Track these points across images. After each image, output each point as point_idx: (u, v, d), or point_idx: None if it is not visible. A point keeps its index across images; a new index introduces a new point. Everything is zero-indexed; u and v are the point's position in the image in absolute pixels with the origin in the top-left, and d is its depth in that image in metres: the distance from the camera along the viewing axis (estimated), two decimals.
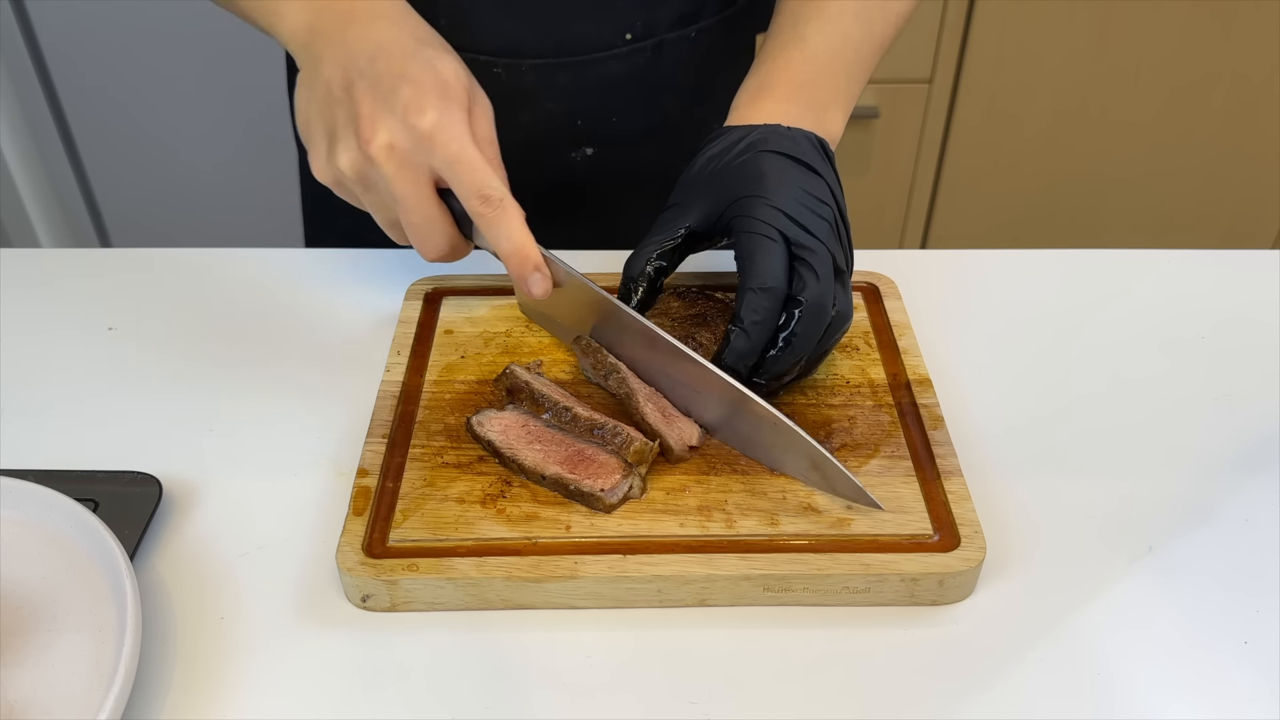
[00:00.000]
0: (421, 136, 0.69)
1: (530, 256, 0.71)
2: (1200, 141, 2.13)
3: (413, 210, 0.71)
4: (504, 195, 0.70)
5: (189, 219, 2.34)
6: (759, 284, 0.72)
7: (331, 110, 0.72)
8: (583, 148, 1.03)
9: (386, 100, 0.69)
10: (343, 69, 0.71)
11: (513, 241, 0.71)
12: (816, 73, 0.83)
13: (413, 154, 0.69)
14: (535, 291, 0.72)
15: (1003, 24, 1.99)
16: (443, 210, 0.72)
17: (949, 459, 0.74)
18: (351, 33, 0.73)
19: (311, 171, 0.74)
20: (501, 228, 0.70)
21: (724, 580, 0.66)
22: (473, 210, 0.70)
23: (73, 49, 2.12)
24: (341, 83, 0.71)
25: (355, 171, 0.71)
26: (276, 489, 0.76)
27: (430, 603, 0.67)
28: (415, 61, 0.71)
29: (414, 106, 0.69)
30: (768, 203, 0.73)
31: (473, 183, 0.69)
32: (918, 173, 2.17)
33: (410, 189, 0.70)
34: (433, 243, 0.73)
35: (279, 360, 0.87)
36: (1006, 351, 0.88)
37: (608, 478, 0.70)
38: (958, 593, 0.68)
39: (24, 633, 0.64)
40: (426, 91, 0.69)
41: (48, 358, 0.87)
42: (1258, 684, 0.64)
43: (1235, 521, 0.73)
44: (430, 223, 0.72)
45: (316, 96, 0.73)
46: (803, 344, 0.73)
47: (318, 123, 0.73)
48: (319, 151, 0.73)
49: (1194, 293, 0.95)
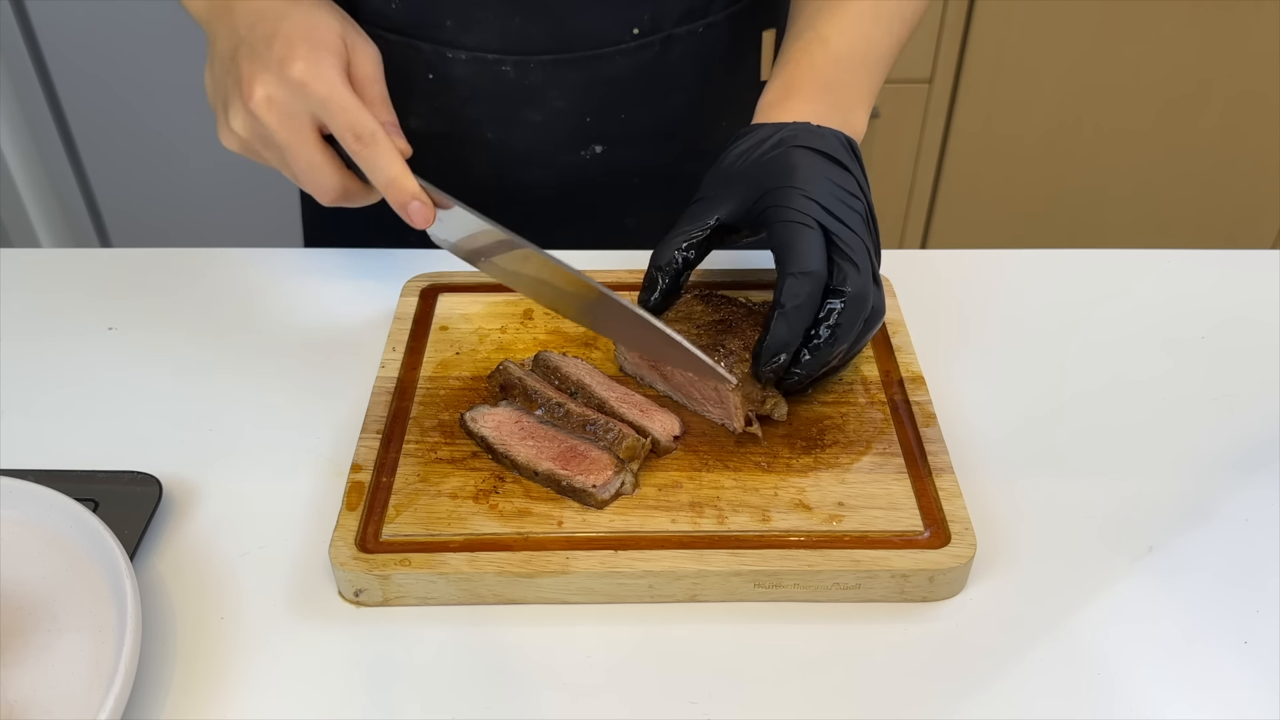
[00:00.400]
0: (294, 85, 0.73)
1: (406, 187, 0.73)
2: (1200, 142, 2.13)
3: (297, 156, 0.75)
4: (375, 131, 0.73)
5: (188, 219, 2.34)
6: (799, 269, 0.72)
7: (223, 80, 0.77)
8: (592, 145, 1.04)
9: (263, 58, 0.74)
10: (229, 40, 0.77)
11: (387, 173, 0.73)
12: (840, 73, 0.84)
13: (290, 103, 0.73)
14: (416, 220, 0.74)
15: (1003, 24, 1.99)
16: (328, 154, 0.75)
17: (940, 456, 0.74)
18: (237, 7, 0.78)
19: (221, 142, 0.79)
20: (376, 161, 0.73)
21: (715, 576, 0.66)
22: (349, 148, 0.73)
23: (73, 49, 2.12)
24: (229, 52, 0.77)
25: (247, 131, 0.76)
26: (276, 488, 0.76)
27: (422, 597, 0.67)
28: (288, 20, 0.75)
29: (286, 59, 0.73)
30: (802, 193, 0.74)
31: (345, 121, 0.72)
32: (918, 173, 2.17)
33: (291, 136, 0.74)
34: (323, 185, 0.76)
35: (278, 359, 0.87)
36: (1005, 351, 0.88)
37: (600, 474, 0.71)
38: (948, 589, 0.68)
39: (24, 633, 0.64)
40: (297, 44, 0.74)
41: (48, 358, 0.88)
42: (1258, 683, 0.64)
43: (1235, 521, 0.74)
44: (315, 167, 0.75)
45: (214, 71, 0.79)
46: (845, 334, 0.73)
47: (216, 94, 0.78)
48: (220, 121, 0.78)
49: (1194, 293, 0.95)
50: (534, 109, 1.00)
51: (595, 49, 0.97)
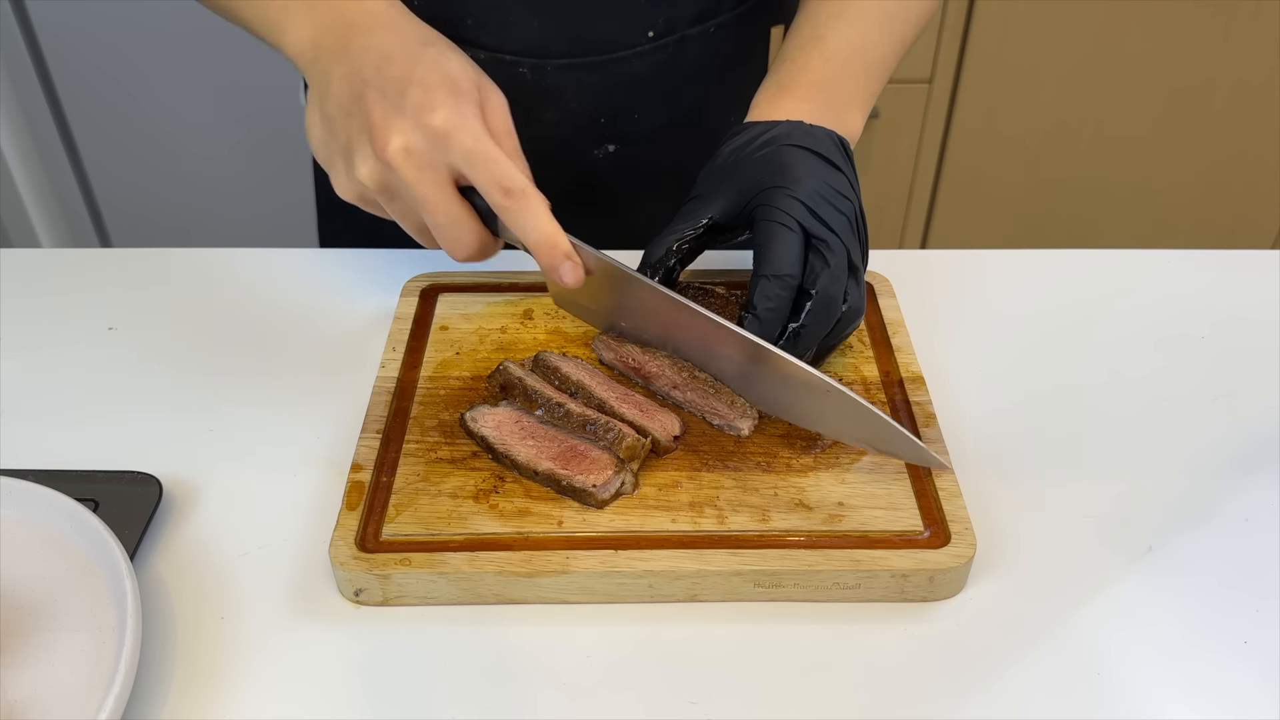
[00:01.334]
0: (436, 135, 0.68)
1: (559, 245, 0.70)
2: (1200, 141, 2.13)
3: (437, 211, 0.70)
4: (526, 186, 0.69)
5: (189, 219, 2.34)
6: (773, 271, 0.72)
7: (344, 125, 0.71)
8: (605, 145, 1.04)
9: (396, 104, 0.68)
10: (350, 82, 0.71)
11: (540, 232, 0.69)
12: (836, 73, 0.84)
13: (429, 154, 0.68)
14: (568, 280, 0.71)
15: (1003, 24, 1.99)
16: (467, 208, 0.71)
17: (940, 456, 0.73)
18: (354, 44, 0.72)
19: (335, 191, 0.74)
20: (527, 219, 0.69)
21: (715, 576, 0.66)
22: (496, 204, 0.69)
23: (73, 49, 2.12)
24: (350, 95, 0.70)
25: (376, 181, 0.70)
26: (276, 488, 0.76)
27: (423, 597, 0.67)
28: (421, 63, 0.70)
29: (424, 107, 0.68)
30: (789, 193, 0.74)
31: (492, 176, 0.68)
32: (918, 173, 2.17)
33: (431, 190, 0.69)
34: (462, 242, 0.72)
35: (278, 359, 0.88)
36: (1001, 350, 0.88)
37: (600, 473, 0.71)
38: (948, 589, 0.68)
39: (24, 633, 0.64)
40: (435, 90, 0.68)
41: (48, 358, 0.88)
42: (1258, 684, 0.64)
43: (1235, 521, 0.74)
44: (456, 223, 0.71)
45: (329, 114, 0.72)
46: (811, 336, 0.74)
47: (333, 141, 0.72)
48: (338, 169, 0.73)
49: (1194, 293, 0.95)
50: (550, 110, 1.00)
51: (611, 52, 0.98)
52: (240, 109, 2.18)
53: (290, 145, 2.19)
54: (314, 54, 0.74)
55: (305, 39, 0.75)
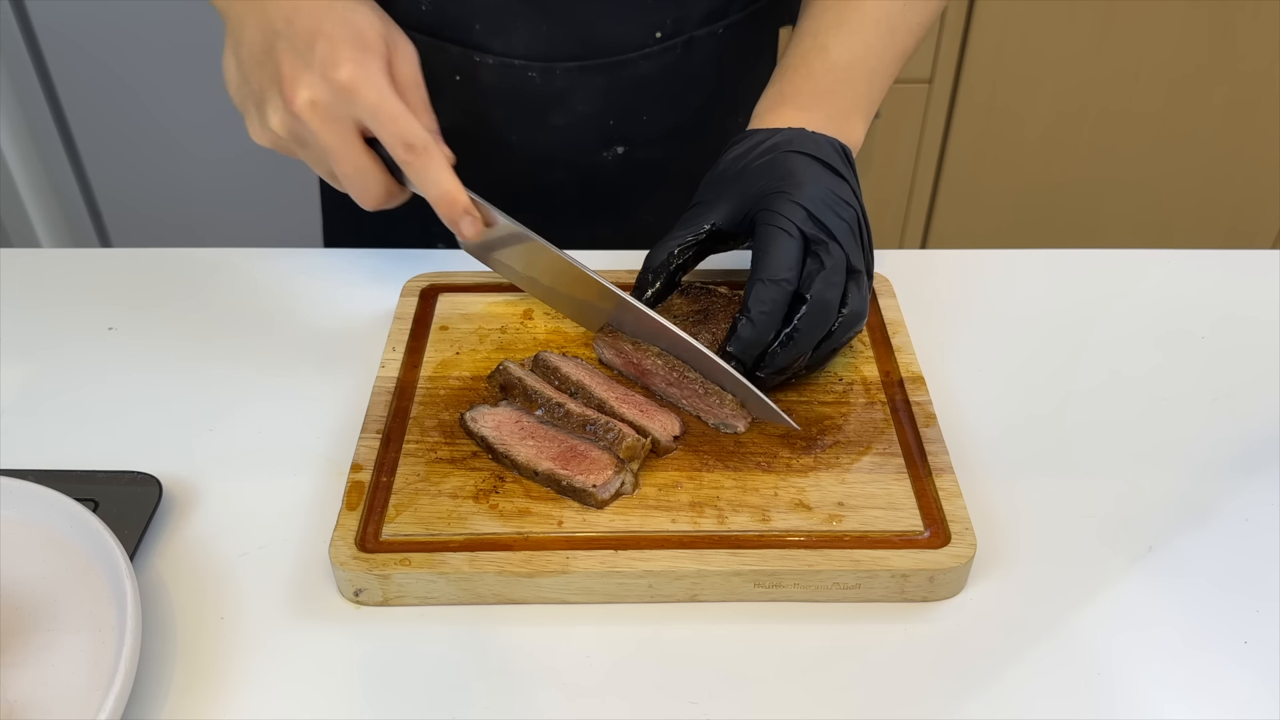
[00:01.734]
0: (340, 89, 0.70)
1: (457, 200, 0.73)
2: (1200, 141, 2.13)
3: (343, 161, 0.73)
4: (427, 141, 0.71)
5: (189, 219, 2.34)
6: (768, 275, 0.73)
7: (256, 74, 0.74)
8: (614, 147, 1.04)
9: (304, 57, 0.71)
10: (262, 32, 0.73)
11: (439, 186, 0.72)
12: (838, 82, 0.84)
13: (334, 107, 0.71)
14: (466, 233, 0.74)
15: (1003, 24, 1.99)
16: (373, 159, 0.73)
17: (940, 456, 0.74)
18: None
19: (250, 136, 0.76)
20: (428, 173, 0.72)
21: (715, 576, 0.66)
22: (398, 158, 0.72)
23: (73, 49, 2.12)
24: (262, 45, 0.73)
25: (286, 130, 0.73)
26: (276, 488, 0.76)
27: (422, 597, 0.67)
28: (329, 17, 0.72)
29: (330, 60, 0.70)
30: (790, 198, 0.75)
31: (395, 130, 0.71)
32: (918, 173, 2.17)
33: (337, 141, 0.72)
34: (368, 191, 0.74)
35: (278, 359, 0.87)
36: (1001, 350, 0.88)
37: (600, 473, 0.71)
38: (948, 589, 0.68)
39: (24, 633, 0.64)
40: (341, 44, 0.71)
41: (48, 358, 0.88)
42: (1257, 684, 0.64)
43: (1235, 521, 0.73)
44: (361, 172, 0.73)
45: (243, 62, 0.75)
46: (804, 340, 0.74)
47: (245, 88, 0.75)
48: (251, 116, 0.76)
49: (1194, 293, 0.95)
50: (558, 113, 1.00)
51: (620, 54, 0.98)
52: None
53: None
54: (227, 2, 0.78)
55: None
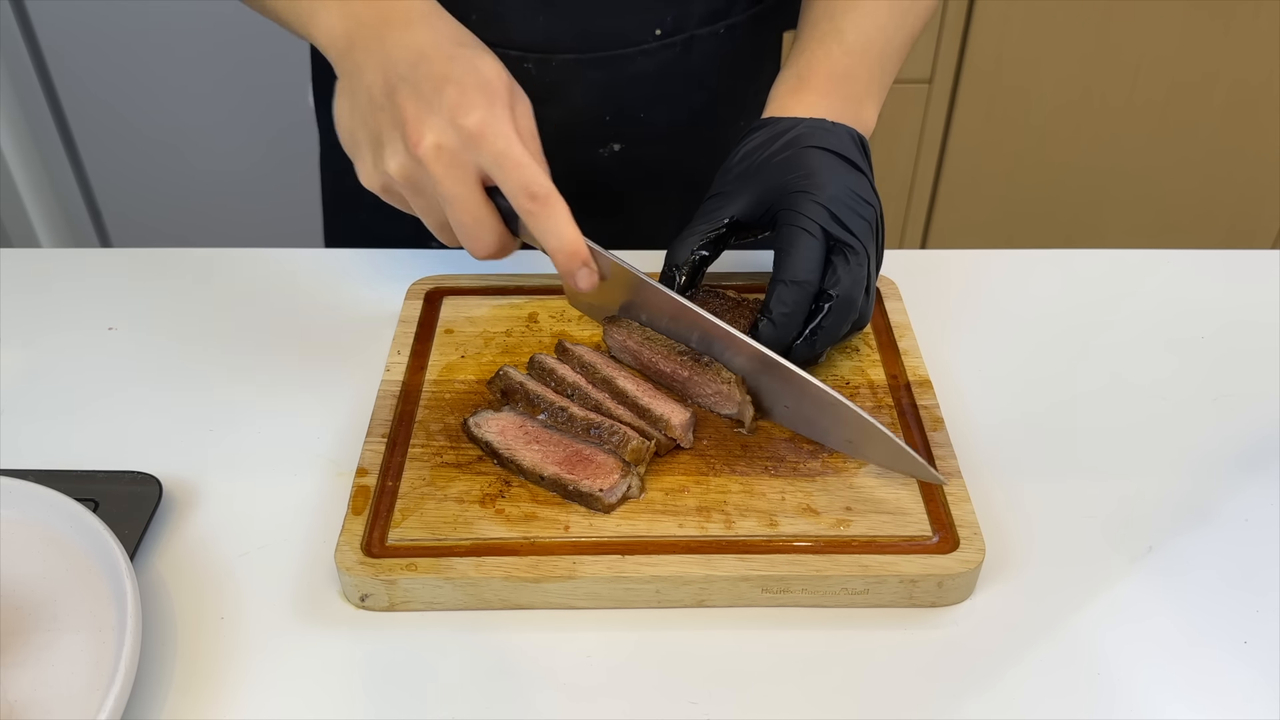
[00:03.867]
0: (469, 136, 0.68)
1: (578, 252, 0.71)
2: (1200, 142, 2.13)
3: (462, 210, 0.71)
4: (550, 191, 0.70)
5: (189, 219, 2.34)
6: (791, 277, 0.73)
7: (375, 117, 0.71)
8: (610, 144, 1.04)
9: (431, 103, 0.69)
10: (384, 75, 0.71)
11: (561, 238, 0.70)
12: (853, 66, 0.85)
13: (460, 153, 0.69)
14: (583, 286, 0.72)
15: (1003, 24, 1.99)
16: (491, 209, 0.72)
17: (948, 460, 0.74)
18: (390, 38, 0.73)
19: (360, 179, 0.74)
20: (549, 224, 0.70)
21: (722, 581, 0.66)
22: (520, 207, 0.70)
23: (73, 49, 2.11)
24: (384, 89, 0.71)
25: (403, 175, 0.71)
26: (276, 489, 0.76)
27: (429, 602, 0.67)
28: (457, 63, 0.71)
29: (460, 107, 0.68)
30: (814, 199, 0.75)
31: (520, 179, 0.69)
32: (918, 173, 2.17)
33: (459, 188, 0.70)
34: (483, 241, 0.73)
35: (279, 360, 0.87)
36: (1006, 352, 0.88)
37: (606, 478, 0.70)
38: (956, 594, 0.68)
39: (24, 633, 0.64)
40: (471, 91, 0.69)
41: (48, 358, 0.87)
42: (1258, 683, 0.64)
43: (1235, 521, 0.74)
44: (479, 222, 0.72)
45: (359, 105, 0.73)
46: (827, 337, 0.75)
47: (362, 131, 0.73)
48: (364, 159, 0.73)
49: (1194, 293, 0.95)
50: (554, 107, 0.99)
51: (618, 49, 0.97)
52: (240, 109, 2.18)
53: (291, 146, 2.19)
54: (346, 44, 0.75)
55: (338, 29, 0.75)
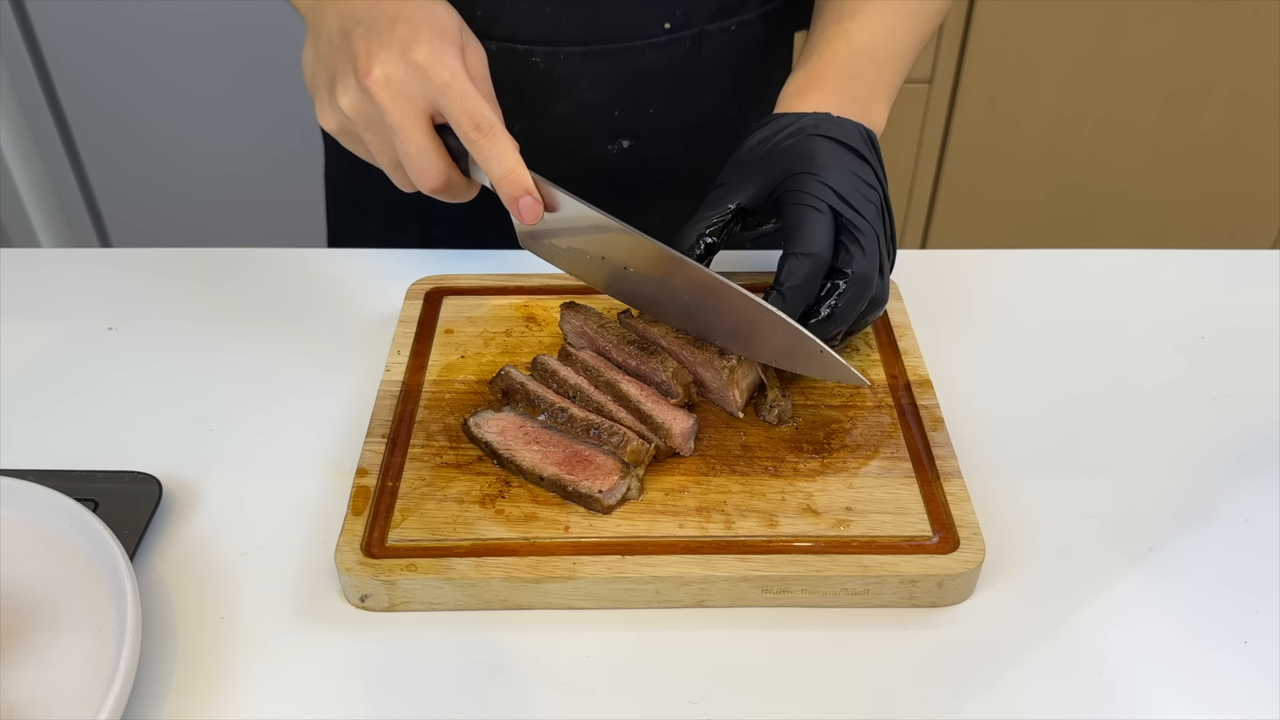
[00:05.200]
0: (416, 67, 0.72)
1: (521, 180, 0.73)
2: (1200, 141, 2.13)
3: (408, 139, 0.73)
4: (495, 123, 0.72)
5: (189, 219, 2.34)
6: (801, 249, 0.73)
7: (332, 58, 0.75)
8: (619, 140, 1.04)
9: (383, 38, 0.73)
10: (341, 20, 0.76)
11: (504, 165, 0.72)
12: (862, 67, 0.85)
13: (408, 84, 0.72)
14: (526, 216, 0.74)
15: (1003, 24, 1.99)
16: (437, 142, 0.74)
17: (949, 460, 0.74)
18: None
19: (317, 120, 0.77)
20: (493, 152, 0.72)
21: (722, 581, 0.66)
22: (465, 136, 0.72)
23: (73, 49, 2.11)
24: (340, 31, 0.75)
25: (355, 109, 0.74)
26: (276, 489, 0.76)
27: (429, 603, 0.67)
28: (409, 4, 0.75)
29: (409, 41, 0.72)
30: (817, 179, 0.75)
31: (465, 109, 0.71)
32: (918, 173, 2.17)
33: (405, 118, 0.72)
34: (429, 172, 0.75)
35: (279, 360, 0.87)
36: (1006, 352, 0.88)
37: (605, 479, 0.70)
38: (957, 595, 0.68)
39: (24, 633, 0.64)
40: (420, 27, 0.73)
41: (48, 358, 0.87)
42: (1258, 683, 0.64)
43: (1235, 521, 0.74)
44: (424, 151, 0.74)
45: (320, 50, 0.77)
46: (844, 315, 0.75)
47: (320, 72, 0.77)
48: (322, 98, 0.77)
49: (1194, 293, 0.95)
50: (562, 101, 1.00)
51: (626, 41, 0.97)
52: (240, 109, 2.17)
53: (291, 146, 2.18)
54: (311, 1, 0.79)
55: None
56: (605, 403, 0.76)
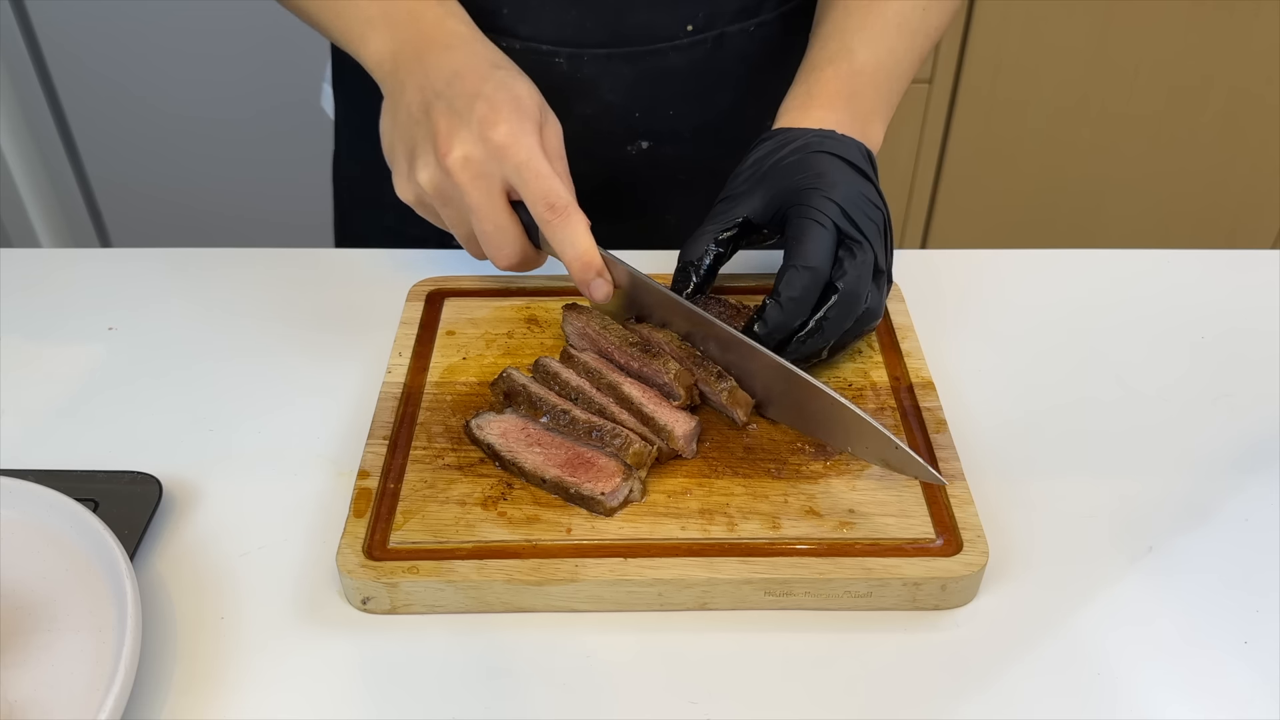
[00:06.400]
0: (495, 148, 0.73)
1: (592, 263, 0.75)
2: (1200, 141, 2.13)
3: (485, 219, 0.75)
4: (569, 203, 0.74)
5: (189, 219, 2.34)
6: (801, 262, 0.74)
7: (411, 131, 0.77)
8: (639, 141, 1.04)
9: (463, 117, 0.74)
10: (422, 93, 0.77)
11: (576, 248, 0.75)
12: (862, 85, 0.86)
13: (486, 164, 0.74)
14: (597, 297, 0.77)
15: (1003, 24, 1.99)
16: (514, 219, 0.76)
17: (951, 463, 0.73)
18: (430, 59, 0.78)
19: (395, 191, 0.79)
20: (566, 234, 0.74)
21: (725, 584, 0.66)
22: (539, 216, 0.74)
23: (73, 49, 2.11)
24: (421, 105, 0.76)
25: (433, 186, 0.76)
26: (276, 489, 0.76)
27: (430, 605, 0.67)
28: (490, 82, 0.76)
29: (488, 121, 0.73)
30: (825, 195, 0.76)
31: (540, 189, 0.73)
32: (918, 173, 2.17)
33: (483, 198, 0.74)
34: (505, 250, 0.77)
35: (279, 360, 0.87)
36: (1007, 352, 0.88)
37: (608, 481, 0.70)
38: (960, 597, 0.67)
39: (24, 633, 0.63)
40: (500, 107, 0.74)
41: (48, 358, 0.87)
42: (1258, 683, 0.64)
43: (1235, 521, 0.74)
44: (501, 231, 0.76)
45: (399, 121, 0.78)
46: (832, 329, 0.75)
47: (400, 144, 0.78)
48: (400, 170, 0.78)
49: (1194, 293, 0.95)
50: (584, 102, 1.00)
51: (649, 44, 0.98)
52: (240, 110, 2.18)
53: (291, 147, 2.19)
54: (392, 65, 0.80)
55: (385, 51, 0.81)
56: (607, 405, 0.76)
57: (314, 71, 1.25)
